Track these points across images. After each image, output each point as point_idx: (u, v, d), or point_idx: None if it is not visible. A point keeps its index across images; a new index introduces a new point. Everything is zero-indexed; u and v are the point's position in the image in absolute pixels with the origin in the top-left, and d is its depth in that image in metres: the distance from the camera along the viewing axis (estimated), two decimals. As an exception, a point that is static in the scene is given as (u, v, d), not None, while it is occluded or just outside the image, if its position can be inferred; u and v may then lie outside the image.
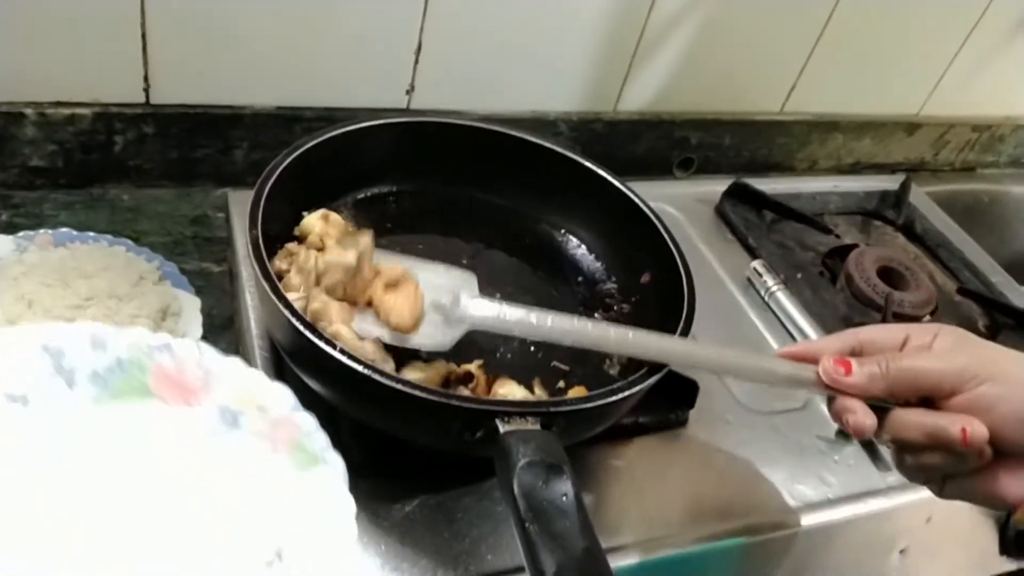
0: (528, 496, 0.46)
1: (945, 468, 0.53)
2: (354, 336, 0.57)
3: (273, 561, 0.48)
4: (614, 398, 0.55)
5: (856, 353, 0.57)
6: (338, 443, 0.52)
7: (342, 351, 0.52)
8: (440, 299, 0.61)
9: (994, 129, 1.36)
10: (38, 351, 0.51)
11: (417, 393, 0.51)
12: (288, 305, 0.54)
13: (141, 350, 0.54)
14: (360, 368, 0.51)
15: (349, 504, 0.49)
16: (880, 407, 0.54)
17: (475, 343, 0.65)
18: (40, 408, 0.50)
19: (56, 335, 0.52)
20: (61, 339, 0.52)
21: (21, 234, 0.77)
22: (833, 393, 0.56)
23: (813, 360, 0.57)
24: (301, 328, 0.52)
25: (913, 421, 0.53)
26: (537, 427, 0.50)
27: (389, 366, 0.58)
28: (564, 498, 0.47)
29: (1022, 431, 0.51)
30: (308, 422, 0.53)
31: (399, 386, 0.51)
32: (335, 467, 0.51)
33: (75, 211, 0.85)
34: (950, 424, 0.51)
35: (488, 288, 0.70)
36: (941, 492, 0.56)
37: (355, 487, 0.51)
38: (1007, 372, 0.52)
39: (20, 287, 0.70)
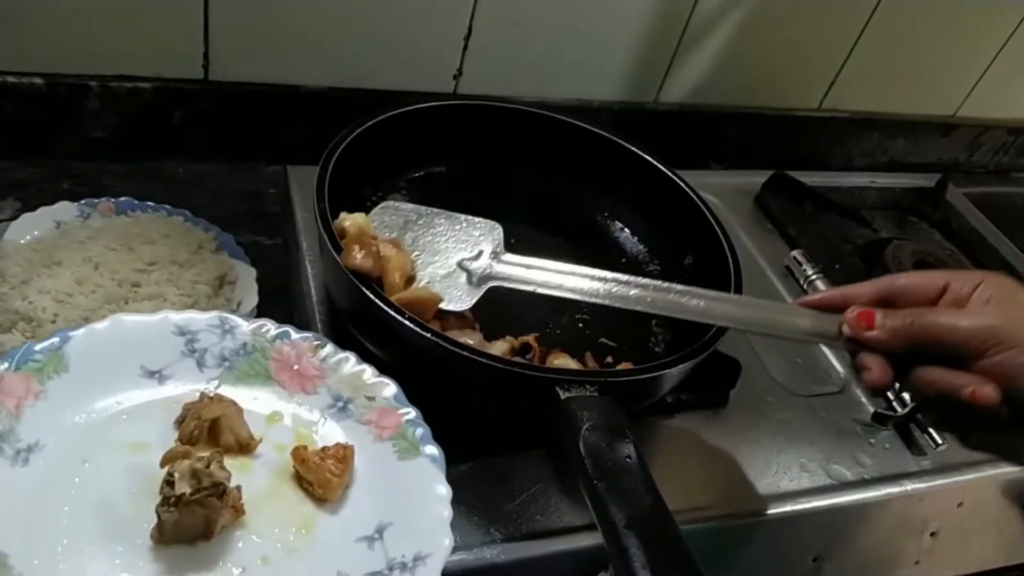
0: (594, 457, 0.48)
1: (965, 424, 0.54)
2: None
3: (375, 539, 0.50)
4: (666, 371, 0.58)
5: (889, 302, 0.57)
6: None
7: (402, 313, 0.54)
8: (463, 255, 0.62)
9: (1030, 132, 1.37)
10: (173, 333, 0.56)
11: (483, 361, 0.53)
12: (354, 271, 0.57)
13: (264, 338, 0.58)
14: (430, 336, 0.54)
15: (446, 492, 0.51)
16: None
17: (523, 318, 0.67)
18: (173, 384, 0.55)
19: (189, 320, 0.57)
20: (193, 323, 0.57)
21: (84, 201, 0.80)
22: (855, 348, 0.56)
23: (842, 306, 0.57)
24: (373, 298, 0.55)
25: (928, 379, 0.53)
26: (596, 395, 0.52)
27: (475, 338, 0.61)
28: (628, 459, 0.49)
29: None
30: (411, 414, 0.55)
31: (467, 354, 0.53)
32: (434, 457, 0.53)
33: (132, 182, 0.88)
34: (963, 385, 0.52)
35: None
36: (965, 441, 0.57)
37: None
38: None
39: (87, 250, 0.73)
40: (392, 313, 0.55)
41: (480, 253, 0.63)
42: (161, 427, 0.52)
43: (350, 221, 0.62)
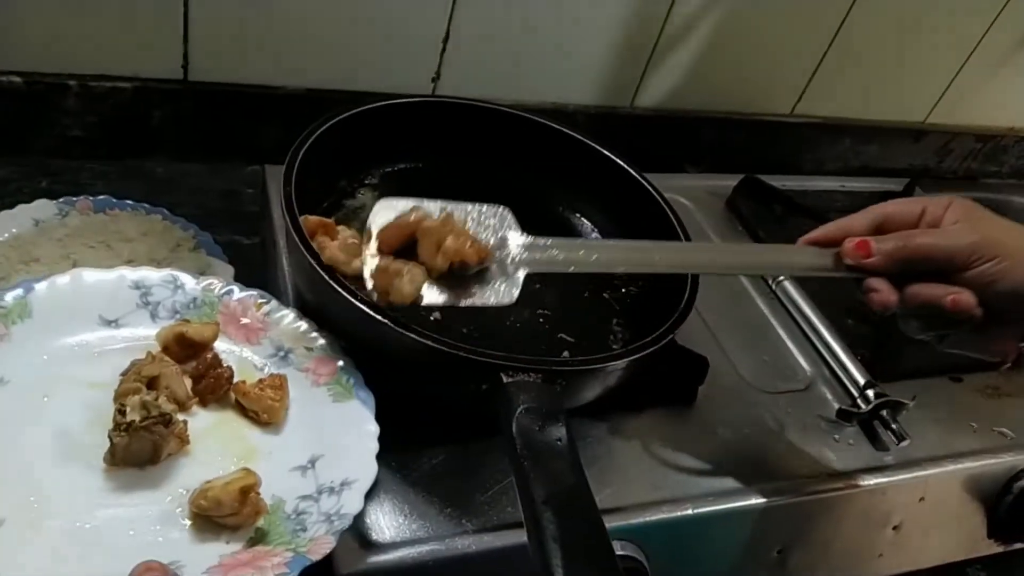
0: (525, 436, 0.50)
1: (944, 327, 0.62)
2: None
3: (307, 468, 0.56)
4: (613, 363, 0.60)
5: (879, 228, 0.63)
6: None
7: (354, 295, 0.56)
8: (487, 239, 0.63)
9: (998, 140, 1.40)
10: (129, 287, 0.61)
11: (427, 343, 0.54)
12: (310, 250, 0.58)
13: (213, 293, 0.63)
14: (373, 314, 0.55)
15: (373, 428, 0.57)
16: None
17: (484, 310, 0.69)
18: (129, 331, 0.60)
19: (144, 276, 0.62)
20: (148, 279, 0.62)
21: (63, 199, 0.80)
22: (855, 275, 0.62)
23: (840, 238, 0.63)
24: (320, 272, 0.57)
25: (913, 292, 0.60)
26: (538, 381, 0.54)
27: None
28: (559, 442, 0.51)
29: (1013, 302, 0.59)
30: (346, 362, 0.61)
31: (410, 335, 0.55)
32: (365, 400, 0.58)
33: (111, 181, 0.89)
34: (944, 294, 0.59)
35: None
36: (940, 344, 0.64)
37: (385, 441, 0.56)
38: (1010, 248, 0.59)
39: (65, 247, 0.74)
40: (340, 290, 0.56)
41: (504, 240, 0.63)
42: (116, 369, 0.56)
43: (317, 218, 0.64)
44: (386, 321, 0.55)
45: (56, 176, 0.87)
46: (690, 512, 0.64)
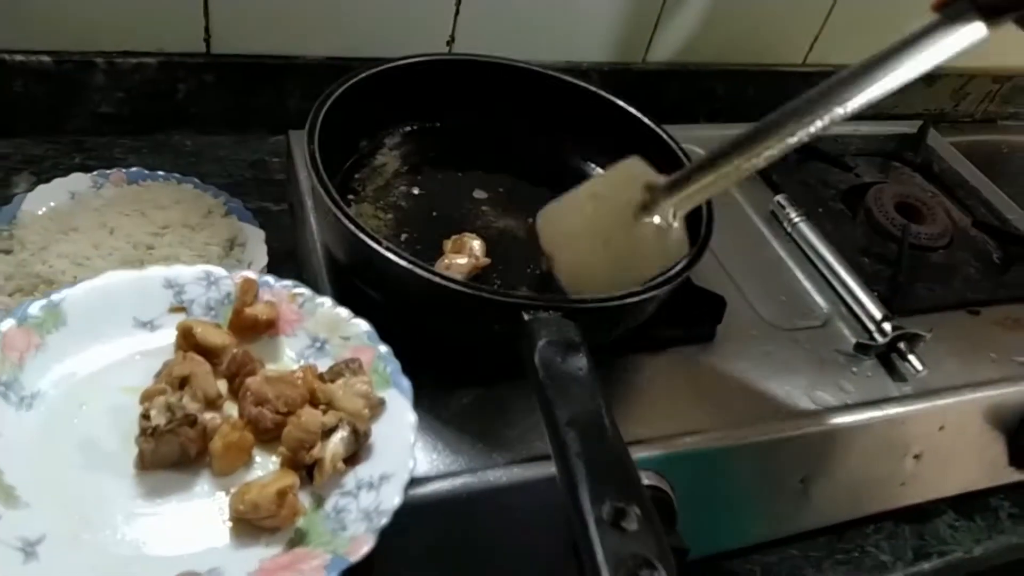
0: (547, 367, 0.52)
1: None
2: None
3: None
4: (631, 299, 0.61)
5: None
6: (401, 347, 0.59)
7: (379, 243, 0.58)
8: (631, 197, 0.63)
9: (1016, 80, 1.39)
10: (163, 286, 0.61)
11: (452, 286, 0.57)
12: (335, 202, 0.60)
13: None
14: (400, 261, 0.57)
15: (412, 418, 0.55)
16: None
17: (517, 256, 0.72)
18: (163, 333, 0.59)
19: (177, 274, 0.61)
20: (181, 277, 0.61)
21: (96, 172, 0.83)
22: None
23: None
24: (345, 222, 0.59)
25: None
26: (559, 317, 0.56)
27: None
28: (580, 371, 0.52)
29: None
30: (383, 351, 0.60)
31: (436, 279, 0.57)
32: (404, 389, 0.57)
33: (141, 155, 0.92)
34: None
35: (522, 214, 0.77)
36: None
37: (416, 382, 0.58)
38: None
39: (102, 216, 0.77)
40: (366, 239, 0.58)
41: (647, 191, 0.63)
42: (151, 372, 0.56)
43: None
44: (412, 267, 0.57)
45: (89, 152, 0.90)
46: (713, 443, 0.66)
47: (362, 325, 0.61)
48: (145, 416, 0.51)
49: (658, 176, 0.65)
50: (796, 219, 0.88)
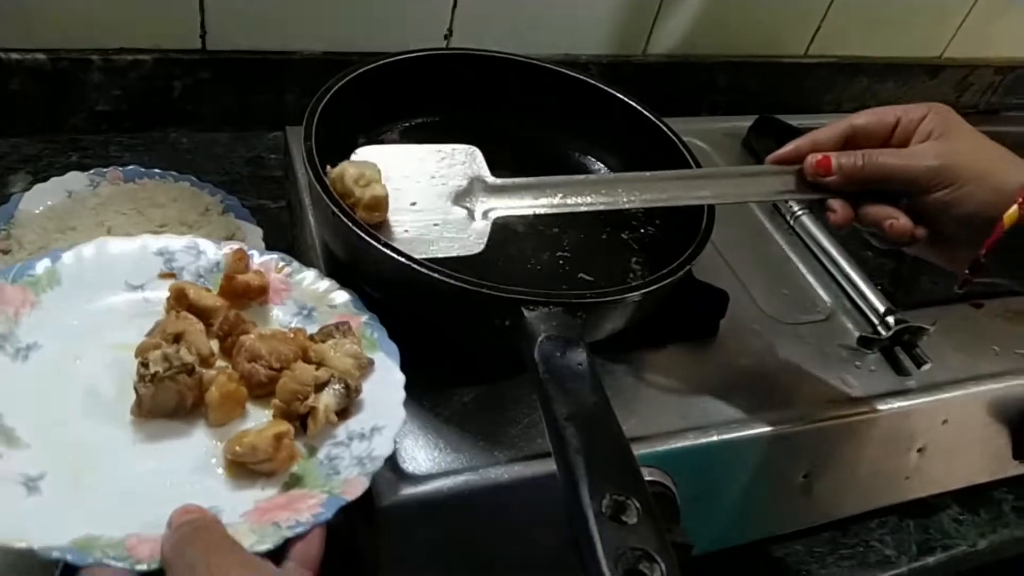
0: (547, 362, 0.52)
1: (891, 245, 0.63)
2: None
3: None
4: (629, 294, 0.61)
5: (849, 141, 0.63)
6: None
7: (378, 239, 0.58)
8: (457, 184, 0.65)
9: (1018, 71, 1.38)
10: (153, 253, 0.62)
11: (451, 282, 0.56)
12: (333, 199, 0.60)
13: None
14: (399, 257, 0.57)
15: (399, 376, 0.57)
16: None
17: (509, 255, 0.71)
18: (153, 295, 0.61)
19: (167, 243, 0.63)
20: (171, 246, 0.63)
21: (93, 171, 0.83)
22: (817, 196, 0.63)
23: (811, 153, 0.63)
24: (344, 219, 0.58)
25: (863, 212, 0.62)
26: (559, 312, 0.56)
27: None
28: (579, 366, 0.52)
29: (963, 231, 0.60)
30: (369, 317, 0.61)
31: (434, 274, 0.56)
32: (390, 352, 0.59)
33: (138, 153, 0.91)
34: (885, 218, 0.61)
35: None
36: (908, 250, 0.65)
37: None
38: (970, 172, 0.58)
39: (99, 215, 0.76)
40: (364, 236, 0.58)
41: (471, 183, 0.65)
42: (142, 331, 0.57)
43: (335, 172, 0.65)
44: (411, 263, 0.57)
45: (85, 151, 0.90)
46: (716, 438, 0.66)
47: (347, 294, 0.62)
48: (144, 364, 0.52)
49: (488, 175, 0.67)
50: (799, 212, 0.88)
